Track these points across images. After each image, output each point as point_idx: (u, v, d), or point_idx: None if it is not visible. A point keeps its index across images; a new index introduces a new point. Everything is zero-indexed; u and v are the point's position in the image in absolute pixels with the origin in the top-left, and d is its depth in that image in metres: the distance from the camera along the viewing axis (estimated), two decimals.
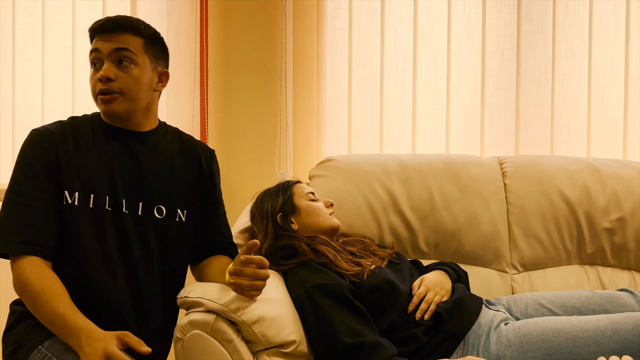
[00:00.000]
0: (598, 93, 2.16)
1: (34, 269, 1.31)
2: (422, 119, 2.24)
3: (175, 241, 1.49)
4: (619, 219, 1.89)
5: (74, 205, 1.37)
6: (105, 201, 1.40)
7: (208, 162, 1.57)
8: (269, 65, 2.23)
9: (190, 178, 1.52)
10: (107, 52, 1.39)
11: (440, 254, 1.95)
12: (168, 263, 1.49)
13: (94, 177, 1.40)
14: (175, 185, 1.49)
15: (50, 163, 1.37)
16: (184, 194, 1.50)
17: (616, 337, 1.44)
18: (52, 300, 1.29)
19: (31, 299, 1.30)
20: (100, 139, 1.43)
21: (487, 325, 1.54)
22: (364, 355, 1.40)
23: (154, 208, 1.45)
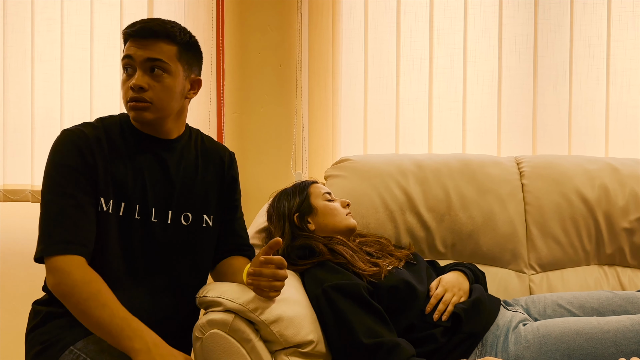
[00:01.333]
0: (616, 92, 2.14)
1: (85, 269, 1.29)
2: (438, 119, 2.24)
3: (202, 247, 1.50)
4: (638, 219, 1.87)
5: (108, 212, 1.36)
6: (135, 210, 1.40)
7: (230, 165, 1.57)
8: (284, 65, 2.23)
9: (215, 183, 1.52)
10: (140, 60, 1.37)
11: (457, 255, 1.94)
12: (195, 268, 1.50)
13: (126, 185, 1.38)
14: (201, 190, 1.49)
15: (88, 166, 1.34)
16: (209, 199, 1.50)
17: (637, 338, 1.43)
18: (109, 303, 1.26)
19: (83, 300, 1.26)
20: (131, 145, 1.42)
21: (506, 326, 1.53)
22: (382, 356, 1.40)
23: (182, 215, 1.46)
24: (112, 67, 2.26)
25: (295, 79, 2.22)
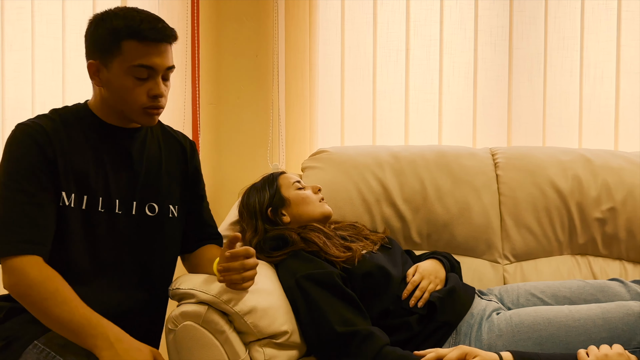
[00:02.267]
0: (590, 84, 2.16)
1: (42, 268, 1.26)
2: (414, 110, 2.24)
3: (169, 237, 1.49)
4: (610, 209, 1.90)
5: (70, 207, 1.34)
6: (98, 203, 1.37)
7: (192, 155, 1.56)
8: (261, 56, 2.21)
9: (178, 173, 1.51)
10: (162, 69, 1.35)
11: (432, 245, 1.95)
12: (162, 259, 1.48)
13: (89, 178, 1.36)
14: (166, 181, 1.48)
15: (47, 160, 1.31)
16: (174, 189, 1.49)
17: (607, 326, 1.45)
18: (68, 300, 1.24)
19: (41, 299, 1.24)
20: (92, 136, 1.39)
21: (480, 315, 1.55)
22: (356, 344, 1.40)
23: (146, 206, 1.44)
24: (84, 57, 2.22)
25: (272, 70, 2.21)
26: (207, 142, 2.26)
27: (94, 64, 1.35)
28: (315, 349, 1.49)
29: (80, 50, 2.24)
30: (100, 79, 1.35)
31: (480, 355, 1.33)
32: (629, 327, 1.44)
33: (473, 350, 1.34)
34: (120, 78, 1.33)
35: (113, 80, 1.34)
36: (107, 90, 1.36)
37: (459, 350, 1.34)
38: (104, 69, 1.34)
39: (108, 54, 1.33)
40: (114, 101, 1.37)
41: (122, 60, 1.32)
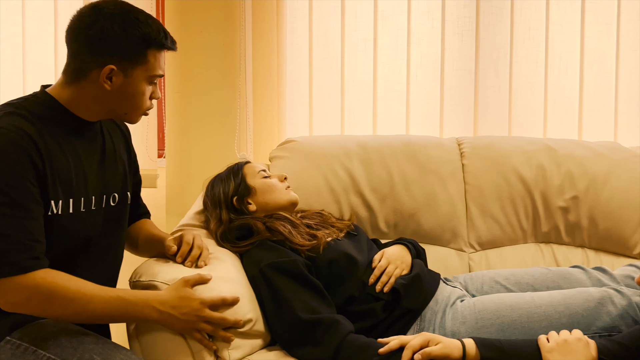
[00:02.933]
0: (554, 75, 2.19)
1: (55, 276, 1.23)
2: (382, 100, 2.24)
3: (124, 223, 1.49)
4: (573, 198, 1.93)
5: (58, 215, 1.28)
6: (81, 204, 1.33)
7: (131, 139, 1.54)
8: (228, 44, 2.19)
9: (126, 158, 1.49)
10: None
11: (399, 234, 1.96)
12: (120, 245, 1.48)
13: (72, 180, 1.31)
14: (121, 169, 1.46)
15: (38, 172, 1.24)
16: (125, 176, 1.47)
17: (567, 312, 1.47)
18: (95, 292, 1.25)
19: (69, 303, 1.23)
20: (67, 132, 1.32)
21: (444, 302, 1.56)
22: (320, 332, 1.40)
23: (111, 197, 1.42)
24: (45, 45, 2.18)
25: (239, 59, 2.18)
26: (173, 131, 2.23)
27: (111, 69, 1.28)
28: (279, 338, 1.48)
29: (41, 37, 2.19)
30: (111, 83, 1.29)
31: (442, 342, 1.33)
32: (589, 312, 1.47)
33: (436, 337, 1.35)
34: (139, 85, 1.31)
35: (129, 86, 1.31)
36: (116, 94, 1.30)
37: (421, 337, 1.35)
38: (120, 74, 1.29)
39: (131, 62, 1.29)
40: (119, 104, 1.32)
41: (145, 69, 1.30)
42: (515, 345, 1.36)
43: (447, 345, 1.33)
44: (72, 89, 1.31)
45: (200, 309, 1.32)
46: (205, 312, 1.32)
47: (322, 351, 1.39)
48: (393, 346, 1.35)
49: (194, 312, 1.31)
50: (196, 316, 1.32)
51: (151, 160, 2.28)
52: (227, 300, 1.36)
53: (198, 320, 1.32)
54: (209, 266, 1.47)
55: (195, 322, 1.32)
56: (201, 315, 1.32)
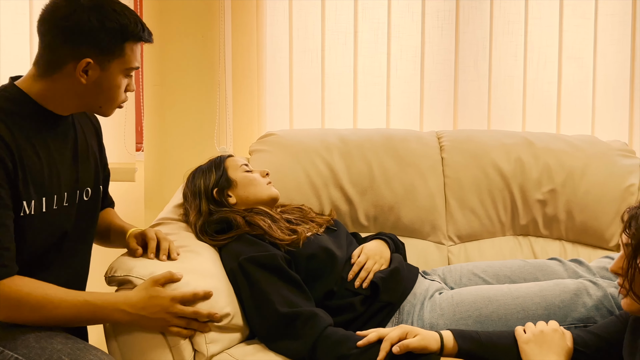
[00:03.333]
0: (533, 68, 2.20)
1: (20, 283, 1.22)
2: (363, 94, 2.24)
3: (96, 217, 1.47)
4: (550, 191, 1.95)
5: (31, 215, 1.25)
6: (53, 201, 1.30)
7: (101, 131, 1.51)
8: (207, 37, 2.17)
9: (97, 151, 1.46)
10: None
11: (379, 227, 1.96)
12: (91, 239, 1.46)
13: (44, 178, 1.28)
14: (92, 162, 1.43)
15: (7, 174, 1.20)
16: (98, 171, 1.45)
17: (544, 303, 1.49)
18: (63, 297, 1.24)
19: (36, 309, 1.22)
20: (38, 128, 1.28)
21: (422, 295, 1.57)
22: (299, 325, 1.40)
23: (84, 192, 1.40)
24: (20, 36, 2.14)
25: (219, 51, 2.16)
26: (152, 124, 2.21)
27: (87, 62, 1.24)
28: (258, 331, 1.48)
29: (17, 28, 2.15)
30: (87, 77, 1.26)
31: (420, 334, 1.34)
32: (565, 304, 1.48)
33: (414, 329, 1.36)
34: (115, 79, 1.28)
35: (105, 80, 1.28)
36: (91, 87, 1.27)
37: (400, 330, 1.35)
38: (97, 67, 1.26)
39: (108, 55, 1.26)
40: (94, 98, 1.30)
41: (122, 62, 1.28)
42: (492, 336, 1.37)
43: (425, 337, 1.33)
44: (44, 82, 1.27)
45: (171, 306, 1.31)
46: (176, 307, 1.31)
47: (301, 344, 1.39)
48: (371, 339, 1.35)
49: (165, 309, 1.30)
50: (168, 313, 1.31)
51: (129, 154, 2.25)
52: (198, 295, 1.35)
53: (170, 316, 1.31)
54: (187, 261, 1.46)
55: (168, 319, 1.31)
56: (173, 311, 1.31)
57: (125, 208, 2.28)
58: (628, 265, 1.16)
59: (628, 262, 1.17)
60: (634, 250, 1.15)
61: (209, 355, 1.39)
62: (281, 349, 1.42)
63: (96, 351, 1.25)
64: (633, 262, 1.16)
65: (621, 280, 1.19)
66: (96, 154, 1.45)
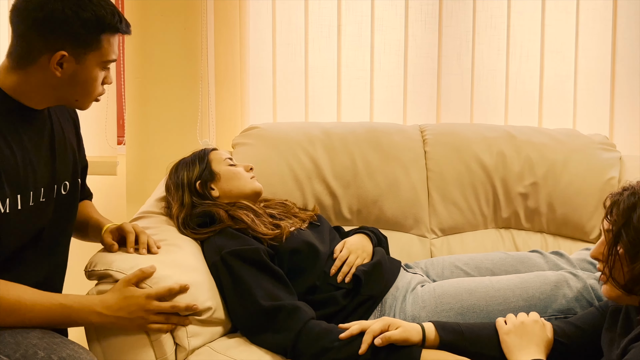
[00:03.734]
0: (516, 62, 2.21)
1: None
2: (347, 87, 2.24)
3: (75, 210, 1.44)
4: (532, 184, 1.96)
5: (5, 213, 1.22)
6: (29, 198, 1.28)
7: (79, 122, 1.49)
8: (189, 29, 2.15)
9: (75, 143, 1.44)
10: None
11: (362, 221, 1.96)
12: (70, 233, 1.44)
13: (19, 175, 1.25)
14: (70, 155, 1.40)
15: None
16: (76, 163, 1.43)
17: (525, 295, 1.50)
18: (37, 300, 1.22)
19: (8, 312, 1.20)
20: (13, 123, 1.25)
21: (405, 288, 1.57)
22: (282, 318, 1.40)
23: (62, 186, 1.37)
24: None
25: (201, 43, 2.14)
26: (133, 117, 2.19)
27: (62, 55, 1.21)
28: (240, 325, 1.48)
29: None
30: (62, 70, 1.23)
31: (402, 326, 1.34)
32: (545, 295, 1.50)
33: (396, 321, 1.36)
34: (91, 71, 1.26)
35: (81, 73, 1.25)
36: (67, 81, 1.24)
37: (382, 322, 1.35)
38: (72, 60, 1.23)
39: (84, 47, 1.23)
40: (69, 91, 1.27)
41: (98, 55, 1.25)
42: (474, 328, 1.38)
43: (407, 329, 1.34)
44: (17, 75, 1.24)
45: (147, 303, 1.30)
46: (153, 304, 1.30)
47: (283, 337, 1.39)
48: (354, 331, 1.35)
49: (142, 307, 1.29)
50: (145, 311, 1.29)
51: (111, 147, 2.23)
52: (173, 290, 1.33)
53: (148, 314, 1.30)
54: (168, 254, 1.45)
55: (146, 317, 1.30)
56: (150, 308, 1.30)
57: (107, 202, 2.27)
58: (609, 252, 1.17)
59: (609, 248, 1.17)
60: (615, 237, 1.16)
61: (190, 349, 1.38)
62: (263, 342, 1.42)
63: (73, 345, 1.23)
64: (613, 249, 1.16)
65: (601, 266, 1.20)
66: (74, 146, 1.43)
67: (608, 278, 1.19)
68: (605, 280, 1.20)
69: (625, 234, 1.14)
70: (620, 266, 1.16)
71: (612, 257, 1.16)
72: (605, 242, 1.19)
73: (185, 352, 1.38)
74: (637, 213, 1.14)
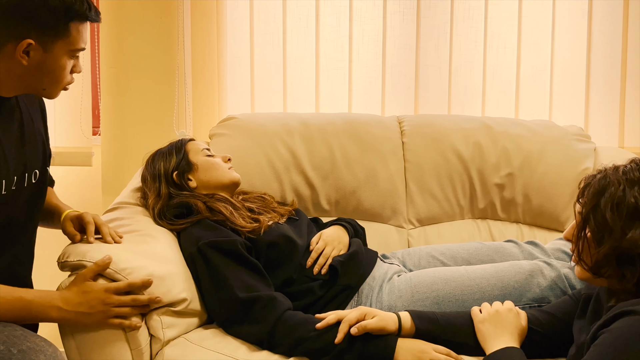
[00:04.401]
0: (493, 54, 2.22)
1: None
2: (325, 78, 2.23)
3: (44, 199, 1.42)
4: (508, 175, 1.97)
5: None
6: (2, 187, 1.25)
7: (46, 112, 1.46)
8: (165, 18, 2.12)
9: (43, 131, 1.42)
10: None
11: (340, 212, 1.96)
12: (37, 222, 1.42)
13: None
14: (40, 144, 1.38)
15: None
16: (45, 151, 1.41)
17: (500, 284, 1.51)
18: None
19: None
20: None
21: (381, 278, 1.58)
22: (258, 309, 1.40)
23: (32, 174, 1.35)
24: None
25: (177, 32, 2.12)
26: (109, 108, 2.16)
27: (28, 43, 1.18)
28: (216, 317, 1.47)
29: None
30: (29, 58, 1.20)
31: (378, 315, 1.35)
32: (520, 284, 1.51)
33: (372, 310, 1.36)
34: (59, 60, 1.23)
35: (49, 61, 1.22)
36: (34, 69, 1.21)
37: (358, 311, 1.36)
38: (39, 49, 1.20)
39: (52, 35, 1.20)
40: (37, 80, 1.24)
41: (67, 43, 1.22)
42: (449, 317, 1.39)
43: (383, 318, 1.34)
44: None
45: (107, 297, 1.28)
46: (112, 298, 1.28)
47: (260, 328, 1.38)
48: (330, 321, 1.35)
49: (101, 301, 1.27)
50: (105, 304, 1.28)
51: (86, 138, 2.20)
52: (134, 284, 1.31)
53: (108, 307, 1.28)
54: (143, 245, 1.44)
55: (107, 310, 1.28)
56: (110, 302, 1.28)
57: (82, 193, 2.24)
58: (577, 235, 1.18)
59: (578, 232, 1.18)
60: (583, 220, 1.17)
61: (165, 340, 1.37)
62: (240, 333, 1.41)
63: (35, 338, 1.21)
64: (582, 232, 1.17)
65: (573, 247, 1.21)
66: (42, 133, 1.41)
67: (578, 261, 1.20)
68: (576, 262, 1.21)
69: (593, 217, 1.15)
70: (588, 249, 1.17)
71: (581, 241, 1.17)
72: (576, 225, 1.20)
73: (160, 343, 1.37)
74: (605, 197, 1.14)
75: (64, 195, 1.63)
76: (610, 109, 2.21)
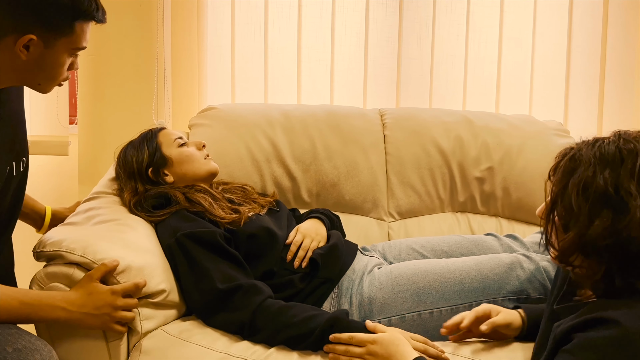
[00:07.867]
0: (474, 48, 2.22)
1: None
2: (307, 69, 2.21)
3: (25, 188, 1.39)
4: (488, 169, 1.98)
5: None
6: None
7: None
8: (144, 5, 2.08)
9: (24, 118, 1.38)
10: None
11: (321, 204, 1.96)
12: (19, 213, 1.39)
13: None
14: (24, 131, 1.36)
15: None
16: (26, 138, 1.38)
17: (479, 276, 1.52)
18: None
19: None
20: None
21: (361, 270, 1.57)
22: (239, 297, 1.38)
23: (20, 163, 1.32)
24: None
25: (157, 20, 2.08)
26: (86, 96, 2.12)
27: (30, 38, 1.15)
28: (195, 308, 1.45)
29: None
30: (28, 53, 1.17)
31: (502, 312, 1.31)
32: (499, 277, 1.52)
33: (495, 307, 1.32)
34: (59, 57, 1.20)
35: (48, 58, 1.19)
36: (31, 64, 1.18)
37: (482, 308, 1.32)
38: (40, 44, 1.17)
39: (55, 33, 1.17)
40: (33, 75, 1.21)
41: (69, 41, 1.19)
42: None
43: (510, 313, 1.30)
44: None
45: (114, 299, 1.26)
46: (119, 301, 1.27)
47: (241, 314, 1.36)
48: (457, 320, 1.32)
49: (107, 303, 1.26)
50: (111, 307, 1.26)
51: (62, 127, 2.16)
52: (140, 285, 1.31)
53: (114, 310, 1.27)
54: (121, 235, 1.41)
55: (112, 313, 1.27)
56: (117, 304, 1.27)
57: (58, 183, 2.20)
58: (547, 218, 1.07)
59: (547, 214, 1.07)
60: (552, 203, 1.06)
61: (143, 332, 1.35)
62: (220, 322, 1.39)
63: (29, 336, 1.19)
64: (551, 215, 1.06)
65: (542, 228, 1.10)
66: (24, 120, 1.37)
67: (546, 245, 1.09)
68: (544, 246, 1.10)
69: (560, 200, 1.04)
70: (555, 234, 1.06)
71: (550, 224, 1.07)
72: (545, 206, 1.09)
73: (138, 335, 1.35)
74: (574, 178, 1.02)
75: (40, 185, 1.60)
76: (589, 105, 2.24)
